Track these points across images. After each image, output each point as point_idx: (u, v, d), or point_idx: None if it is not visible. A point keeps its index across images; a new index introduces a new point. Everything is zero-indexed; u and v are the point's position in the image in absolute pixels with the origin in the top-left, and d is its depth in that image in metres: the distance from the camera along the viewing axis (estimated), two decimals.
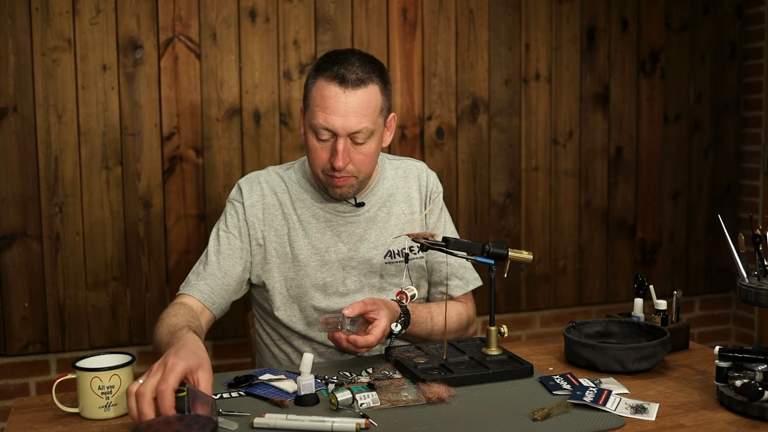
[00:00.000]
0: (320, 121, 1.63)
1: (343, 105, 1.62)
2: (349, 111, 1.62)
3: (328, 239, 1.78)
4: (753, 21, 3.11)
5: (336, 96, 1.62)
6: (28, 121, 2.33)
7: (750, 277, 1.46)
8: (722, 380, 1.39)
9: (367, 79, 1.64)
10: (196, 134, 2.48)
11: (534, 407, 1.34)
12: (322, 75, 1.64)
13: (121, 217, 2.43)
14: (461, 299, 1.89)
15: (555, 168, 2.90)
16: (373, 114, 1.66)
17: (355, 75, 1.63)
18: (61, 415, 1.37)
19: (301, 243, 1.77)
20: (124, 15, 2.38)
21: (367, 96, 1.64)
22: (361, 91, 1.63)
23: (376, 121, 1.67)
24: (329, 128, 1.63)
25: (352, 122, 1.63)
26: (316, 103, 1.64)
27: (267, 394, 1.41)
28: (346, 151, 1.65)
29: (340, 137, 1.64)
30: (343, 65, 1.63)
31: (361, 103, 1.63)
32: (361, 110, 1.63)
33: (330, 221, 1.78)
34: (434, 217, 1.89)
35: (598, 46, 2.92)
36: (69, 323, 2.41)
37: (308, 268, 1.76)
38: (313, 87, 1.66)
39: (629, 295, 3.02)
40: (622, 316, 1.80)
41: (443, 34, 2.72)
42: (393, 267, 1.80)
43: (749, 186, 3.16)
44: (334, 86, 1.62)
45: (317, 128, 1.65)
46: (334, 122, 1.62)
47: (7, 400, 2.39)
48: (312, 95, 1.66)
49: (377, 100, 1.67)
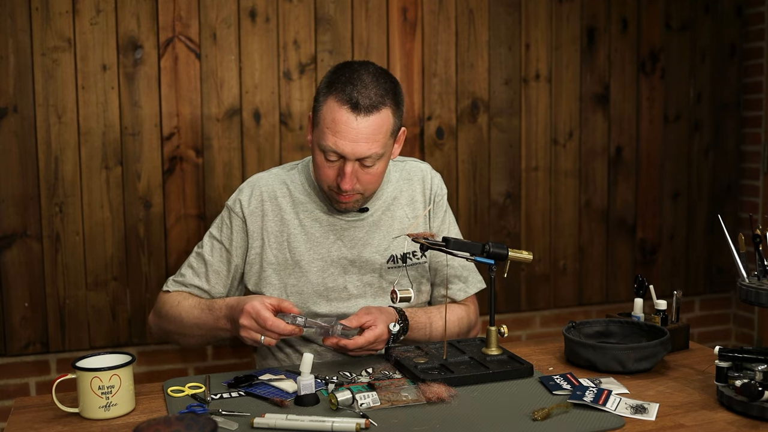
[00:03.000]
0: (329, 144, 1.60)
1: (354, 131, 1.58)
2: (359, 137, 1.59)
3: (330, 243, 1.76)
4: (753, 21, 3.11)
5: (347, 122, 1.58)
6: (28, 121, 2.33)
7: (750, 277, 1.46)
8: (722, 380, 1.39)
9: (380, 103, 1.60)
10: (196, 134, 2.48)
11: (534, 407, 1.34)
12: (334, 95, 1.60)
13: (121, 217, 2.43)
14: (464, 302, 1.87)
15: (555, 168, 2.90)
16: (384, 138, 1.63)
17: (368, 100, 1.58)
18: (61, 415, 1.37)
19: (303, 248, 1.76)
20: (124, 15, 2.38)
21: (379, 121, 1.60)
22: (373, 117, 1.59)
23: (386, 144, 1.64)
24: (338, 152, 1.60)
25: (362, 148, 1.60)
26: (327, 124, 1.60)
27: (267, 394, 1.41)
28: (354, 173, 1.63)
29: (348, 161, 1.61)
30: (356, 87, 1.58)
31: (373, 130, 1.59)
32: (372, 136, 1.60)
33: (333, 225, 1.77)
34: (438, 220, 1.86)
35: (598, 46, 2.92)
36: (69, 323, 2.41)
37: (310, 274, 1.75)
38: (324, 105, 1.62)
39: (629, 295, 3.02)
40: (622, 316, 1.81)
41: (443, 34, 2.72)
42: (396, 271, 1.79)
43: (749, 186, 3.16)
44: (346, 111, 1.58)
45: (325, 149, 1.61)
46: (343, 147, 1.59)
47: (7, 400, 2.39)
48: (322, 114, 1.62)
49: (389, 123, 1.63)
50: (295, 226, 1.76)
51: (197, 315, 1.66)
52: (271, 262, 1.76)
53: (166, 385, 1.48)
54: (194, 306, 1.68)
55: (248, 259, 1.77)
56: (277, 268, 1.76)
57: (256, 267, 1.77)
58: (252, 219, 1.76)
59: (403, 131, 1.72)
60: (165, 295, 1.77)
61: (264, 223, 1.76)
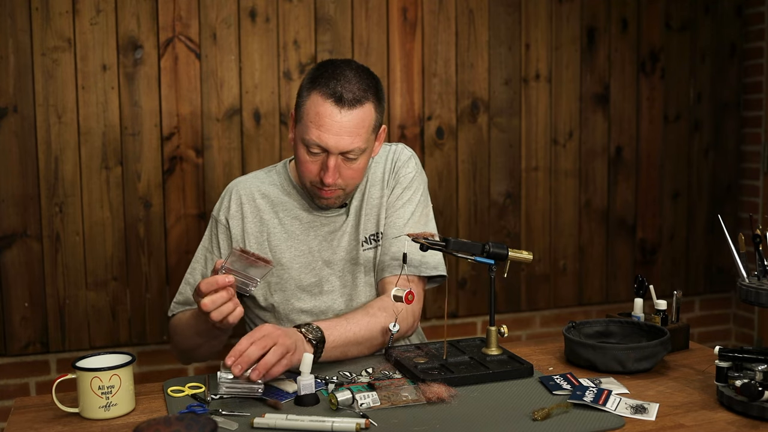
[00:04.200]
0: (313, 138, 1.62)
1: (338, 124, 1.61)
2: (342, 131, 1.61)
3: (311, 240, 1.78)
4: (753, 21, 3.11)
5: (331, 115, 1.60)
6: (28, 121, 2.33)
7: (750, 277, 1.46)
8: (722, 380, 1.39)
9: (363, 98, 1.62)
10: (196, 134, 2.48)
11: (534, 407, 1.34)
12: (318, 89, 1.62)
13: (121, 217, 2.43)
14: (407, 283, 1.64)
15: (555, 168, 2.90)
16: (367, 132, 1.65)
17: (351, 94, 1.61)
18: (61, 415, 1.37)
19: (283, 246, 1.77)
20: (124, 15, 2.38)
21: (362, 115, 1.63)
22: (356, 111, 1.62)
23: (369, 139, 1.67)
24: (322, 145, 1.62)
25: (345, 141, 1.62)
26: (310, 118, 1.62)
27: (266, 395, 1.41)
28: (337, 168, 1.65)
29: (331, 154, 1.63)
30: (339, 82, 1.61)
31: (355, 123, 1.62)
32: (355, 130, 1.62)
33: (313, 222, 1.79)
34: (394, 196, 1.79)
35: (598, 46, 2.92)
36: (69, 323, 2.41)
37: (292, 271, 1.77)
38: (307, 100, 1.64)
39: (629, 295, 3.02)
40: (622, 316, 1.80)
41: (443, 34, 2.72)
42: (370, 252, 1.79)
43: (749, 186, 3.16)
44: (330, 104, 1.60)
45: (309, 143, 1.64)
46: (327, 140, 1.61)
47: (7, 400, 2.39)
48: (306, 109, 1.64)
49: (371, 118, 1.66)
50: (275, 225, 1.78)
51: (193, 324, 1.66)
52: None
53: (166, 385, 1.48)
54: (189, 317, 1.69)
55: None
56: None
57: None
58: (233, 222, 1.79)
59: (383, 129, 1.74)
60: (172, 320, 1.80)
61: (244, 224, 1.79)
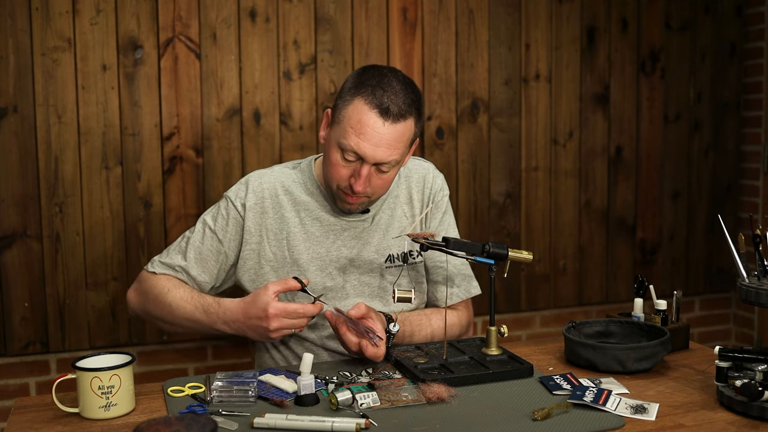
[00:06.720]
0: (351, 144, 1.60)
1: (379, 135, 1.59)
2: (382, 142, 1.60)
3: (330, 243, 1.76)
4: (753, 21, 3.11)
5: (374, 125, 1.59)
6: (28, 121, 2.33)
7: (750, 277, 1.46)
8: (722, 380, 1.39)
9: (407, 113, 1.61)
10: (196, 134, 2.48)
11: (534, 407, 1.34)
12: (363, 96, 1.60)
13: (121, 217, 2.43)
14: (457, 307, 1.87)
15: (555, 168, 2.90)
16: (404, 146, 1.65)
17: (397, 108, 1.59)
18: (61, 415, 1.37)
19: (302, 247, 1.76)
20: (124, 15, 2.38)
21: (403, 129, 1.62)
22: (399, 125, 1.60)
23: (404, 152, 1.66)
24: (359, 153, 1.61)
25: (383, 153, 1.61)
26: (351, 124, 1.60)
27: (267, 394, 1.41)
28: (368, 177, 1.64)
29: (366, 163, 1.62)
30: (386, 93, 1.59)
31: (396, 137, 1.61)
32: (395, 143, 1.61)
33: (334, 225, 1.77)
34: (435, 221, 1.86)
35: (598, 46, 2.92)
36: (69, 323, 2.41)
37: (308, 273, 1.75)
38: (350, 105, 1.61)
39: (629, 295, 3.02)
40: (622, 316, 1.81)
41: (443, 34, 2.72)
42: (394, 271, 1.79)
43: (749, 186, 3.16)
44: (374, 114, 1.59)
45: (345, 148, 1.62)
46: (365, 150, 1.60)
47: (7, 400, 2.39)
48: (348, 113, 1.61)
49: (411, 132, 1.65)
50: (296, 224, 1.76)
51: (190, 311, 1.65)
52: (270, 259, 1.76)
53: (166, 385, 1.48)
54: (186, 300, 1.67)
55: (242, 254, 1.76)
56: (275, 265, 1.76)
57: (250, 263, 1.76)
58: (251, 215, 1.76)
59: (416, 142, 1.74)
60: (152, 277, 1.75)
61: (263, 220, 1.76)
